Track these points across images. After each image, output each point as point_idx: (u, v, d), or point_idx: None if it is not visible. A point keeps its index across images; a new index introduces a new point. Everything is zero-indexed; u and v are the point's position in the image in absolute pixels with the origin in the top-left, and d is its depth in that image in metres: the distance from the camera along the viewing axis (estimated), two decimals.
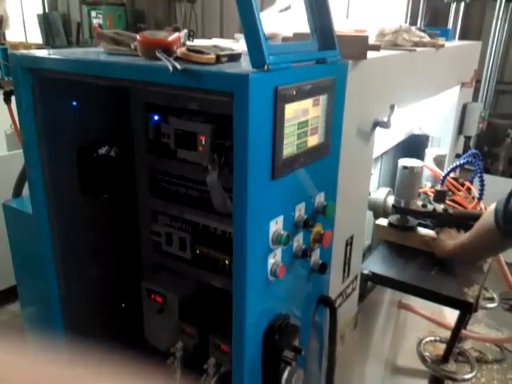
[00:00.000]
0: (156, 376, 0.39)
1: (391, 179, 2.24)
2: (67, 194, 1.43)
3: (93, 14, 7.86)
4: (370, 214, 1.97)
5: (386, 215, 1.99)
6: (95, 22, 7.78)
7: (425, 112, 2.24)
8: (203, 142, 1.28)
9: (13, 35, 9.94)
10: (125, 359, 0.39)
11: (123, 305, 1.69)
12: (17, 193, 1.77)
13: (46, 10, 8.83)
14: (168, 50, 1.00)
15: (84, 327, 1.57)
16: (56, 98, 1.32)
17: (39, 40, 8.89)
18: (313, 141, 1.11)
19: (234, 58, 1.04)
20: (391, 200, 1.96)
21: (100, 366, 0.37)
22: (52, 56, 1.21)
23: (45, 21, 8.51)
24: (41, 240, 1.39)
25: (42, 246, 1.40)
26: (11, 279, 2.10)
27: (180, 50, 0.99)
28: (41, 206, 1.37)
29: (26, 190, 1.80)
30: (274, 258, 1.10)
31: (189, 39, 1.19)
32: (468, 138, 2.71)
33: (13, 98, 1.36)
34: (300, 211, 1.16)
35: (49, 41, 8.46)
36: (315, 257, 1.29)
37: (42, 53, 1.27)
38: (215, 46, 1.07)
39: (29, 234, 1.50)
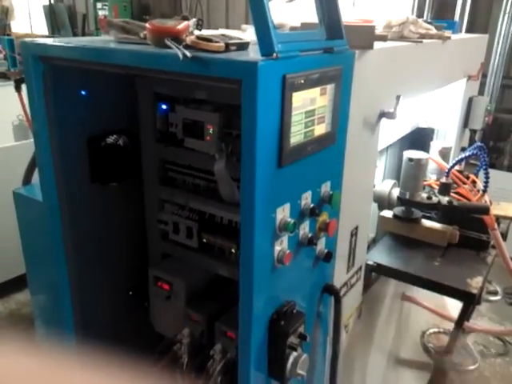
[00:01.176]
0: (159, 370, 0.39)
1: (396, 172, 2.24)
2: (77, 181, 1.44)
3: (98, 5, 7.88)
4: (374, 206, 1.98)
5: (390, 207, 2.00)
6: (101, 13, 7.79)
7: (431, 105, 2.24)
8: (211, 131, 1.29)
9: (18, 27, 9.94)
10: (131, 355, 0.40)
11: (130, 292, 1.71)
12: (26, 180, 1.79)
13: (52, 1, 8.84)
14: (177, 38, 1.02)
15: (93, 314, 1.59)
16: (66, 87, 1.34)
17: (45, 31, 8.90)
18: (320, 130, 1.12)
19: (243, 46, 1.05)
20: (396, 192, 1.96)
21: (107, 366, 0.38)
22: (63, 44, 1.22)
23: (50, 12, 8.52)
24: (51, 226, 1.41)
25: (53, 233, 1.42)
26: (19, 268, 2.12)
27: (189, 38, 1.01)
28: (51, 193, 1.39)
29: (34, 178, 1.82)
30: (281, 245, 1.11)
31: (197, 28, 1.20)
32: (473, 132, 2.71)
33: (24, 87, 1.37)
34: (306, 199, 1.17)
35: (54, 32, 8.47)
36: (321, 245, 1.30)
37: (53, 41, 1.28)
38: (224, 35, 1.08)
39: (39, 221, 1.52)
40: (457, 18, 4.66)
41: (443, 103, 2.38)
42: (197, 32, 1.14)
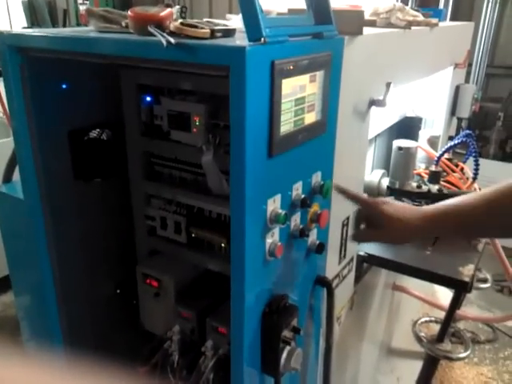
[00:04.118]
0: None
1: (385, 162, 2.23)
2: (59, 178, 1.40)
3: (79, 0, 7.73)
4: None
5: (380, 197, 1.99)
6: (82, 8, 7.64)
7: (418, 94, 2.23)
8: (197, 123, 1.26)
9: None
10: (120, 353, 0.38)
11: (118, 291, 1.68)
12: (7, 178, 1.74)
13: None
14: (161, 25, 0.98)
15: (79, 313, 1.55)
16: (46, 80, 1.29)
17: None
18: (310, 118, 1.09)
19: (229, 33, 1.01)
20: (385, 182, 1.96)
21: (96, 366, 0.36)
22: (41, 34, 1.17)
23: (30, 8, 8.34)
24: (33, 225, 1.37)
25: (35, 231, 1.37)
26: (2, 270, 2.06)
27: (174, 25, 0.97)
28: (32, 190, 1.34)
29: (16, 176, 1.76)
30: (272, 238, 1.09)
31: (181, 16, 1.16)
32: (460, 120, 2.71)
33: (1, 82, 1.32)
34: (297, 190, 1.14)
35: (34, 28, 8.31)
36: (312, 237, 1.28)
37: (32, 31, 1.23)
38: (209, 22, 1.05)
39: (20, 220, 1.48)
40: (441, 5, 4.65)
41: (430, 92, 2.37)
42: (181, 20, 1.10)
